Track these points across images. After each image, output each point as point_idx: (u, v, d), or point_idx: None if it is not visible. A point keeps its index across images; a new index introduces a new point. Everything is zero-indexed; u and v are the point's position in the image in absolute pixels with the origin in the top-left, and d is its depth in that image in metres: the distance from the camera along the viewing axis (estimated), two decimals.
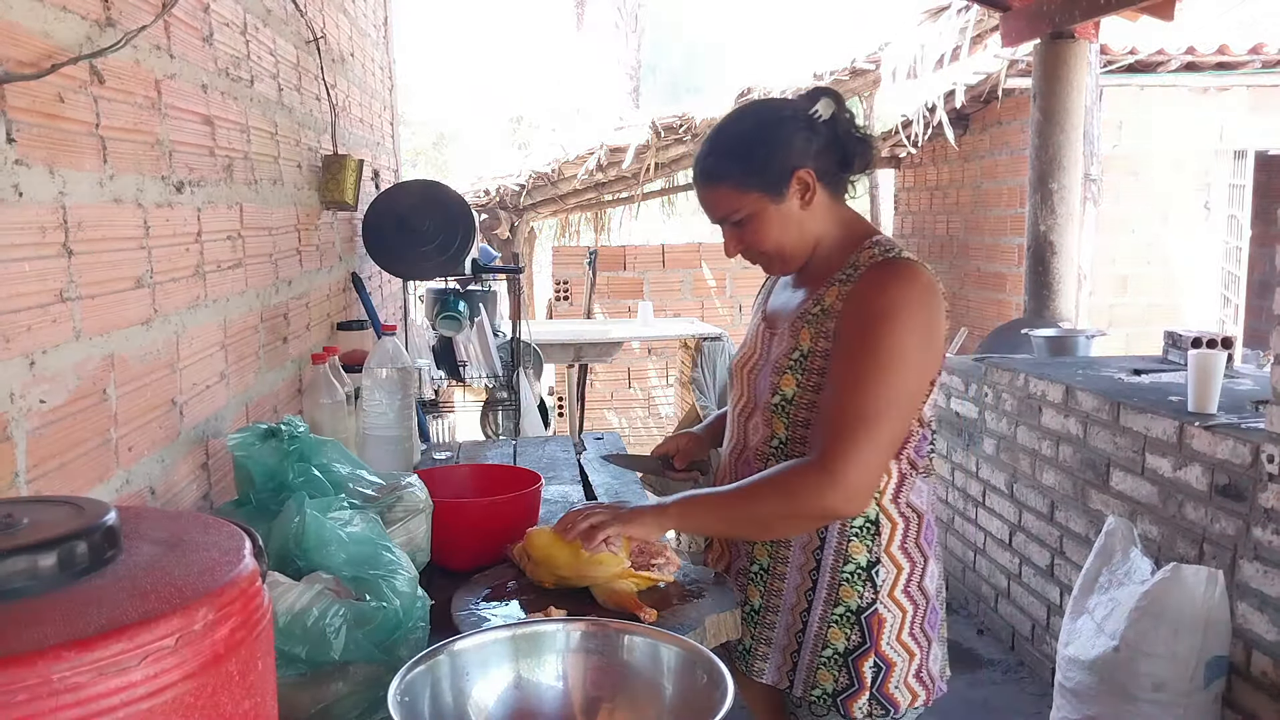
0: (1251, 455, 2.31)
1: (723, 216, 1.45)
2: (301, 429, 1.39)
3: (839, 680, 1.44)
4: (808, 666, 1.46)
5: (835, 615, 1.44)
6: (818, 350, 1.41)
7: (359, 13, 3.27)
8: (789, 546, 1.48)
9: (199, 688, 0.59)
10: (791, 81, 6.31)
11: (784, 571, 1.48)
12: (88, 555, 0.62)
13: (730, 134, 1.44)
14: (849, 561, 1.44)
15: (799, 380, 1.43)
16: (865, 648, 1.44)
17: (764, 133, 1.42)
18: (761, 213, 1.42)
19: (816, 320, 1.43)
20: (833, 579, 1.44)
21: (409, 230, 2.62)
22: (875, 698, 1.44)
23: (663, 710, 1.03)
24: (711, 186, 1.45)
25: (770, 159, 1.40)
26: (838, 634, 1.44)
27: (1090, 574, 2.72)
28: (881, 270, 1.40)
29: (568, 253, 7.20)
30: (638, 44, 19.41)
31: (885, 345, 1.34)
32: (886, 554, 1.45)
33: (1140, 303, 5.60)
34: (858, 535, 1.44)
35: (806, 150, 1.41)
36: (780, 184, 1.41)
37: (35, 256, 1.05)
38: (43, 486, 1.04)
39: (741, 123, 1.45)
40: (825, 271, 1.46)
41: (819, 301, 1.44)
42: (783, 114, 1.44)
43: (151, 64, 1.37)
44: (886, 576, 1.44)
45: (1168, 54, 5.23)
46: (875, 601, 1.44)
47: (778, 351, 1.48)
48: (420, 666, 0.98)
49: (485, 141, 20.54)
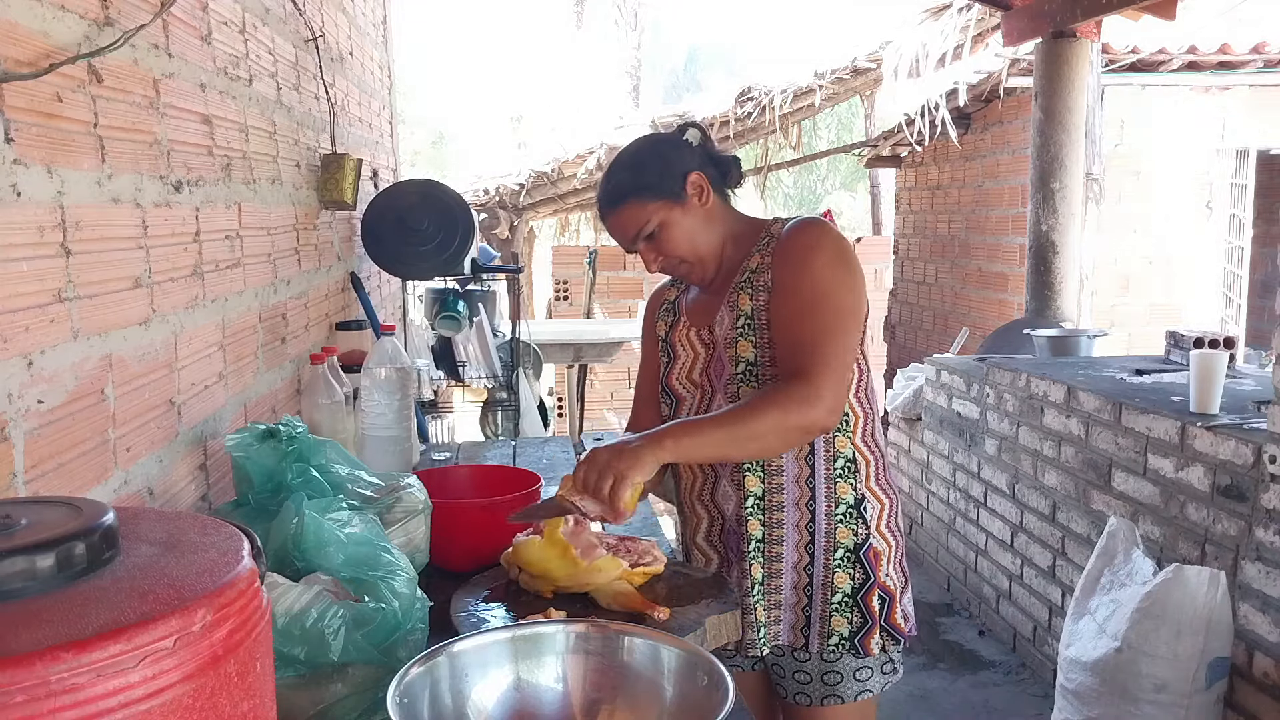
0: (1254, 456, 2.30)
1: (635, 233, 1.55)
2: (300, 429, 1.39)
3: (853, 621, 1.55)
4: (821, 616, 1.55)
5: (837, 559, 1.55)
6: (760, 305, 1.52)
7: (358, 11, 3.26)
8: (781, 510, 1.56)
9: (197, 689, 0.59)
10: (791, 81, 6.31)
11: (780, 535, 1.56)
12: (86, 556, 0.62)
13: (621, 163, 1.59)
14: (839, 503, 1.55)
15: (753, 342, 1.53)
16: (870, 583, 1.55)
17: (651, 151, 1.58)
18: (668, 220, 1.53)
19: (749, 282, 1.54)
20: (828, 524, 1.54)
21: (408, 230, 2.61)
22: (885, 629, 1.56)
23: (663, 712, 1.03)
24: (617, 208, 1.55)
25: (664, 169, 1.54)
26: (843, 576, 1.55)
27: (1092, 575, 2.72)
28: (796, 226, 1.55)
29: (567, 252, 7.20)
30: (638, 43, 19.42)
31: (818, 279, 1.48)
32: (868, 489, 1.57)
33: (1142, 302, 5.59)
34: (842, 475, 1.55)
35: (690, 159, 1.56)
36: (677, 188, 1.54)
37: (33, 256, 1.04)
38: (41, 487, 1.04)
39: (627, 154, 1.60)
40: (739, 254, 1.58)
41: (745, 270, 1.55)
42: (661, 139, 1.62)
43: (150, 63, 1.37)
44: (873, 511, 1.57)
45: (1169, 53, 5.23)
46: (869, 536, 1.55)
47: (722, 330, 1.56)
48: (419, 668, 0.97)
49: (485, 141, 20.54)
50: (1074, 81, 4.36)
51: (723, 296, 1.58)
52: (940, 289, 7.24)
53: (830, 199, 17.92)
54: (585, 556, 1.35)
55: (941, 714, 3.18)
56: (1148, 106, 5.44)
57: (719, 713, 0.90)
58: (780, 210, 17.61)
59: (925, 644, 3.69)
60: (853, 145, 8.29)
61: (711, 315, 1.60)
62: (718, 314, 1.58)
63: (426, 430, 2.64)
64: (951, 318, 6.98)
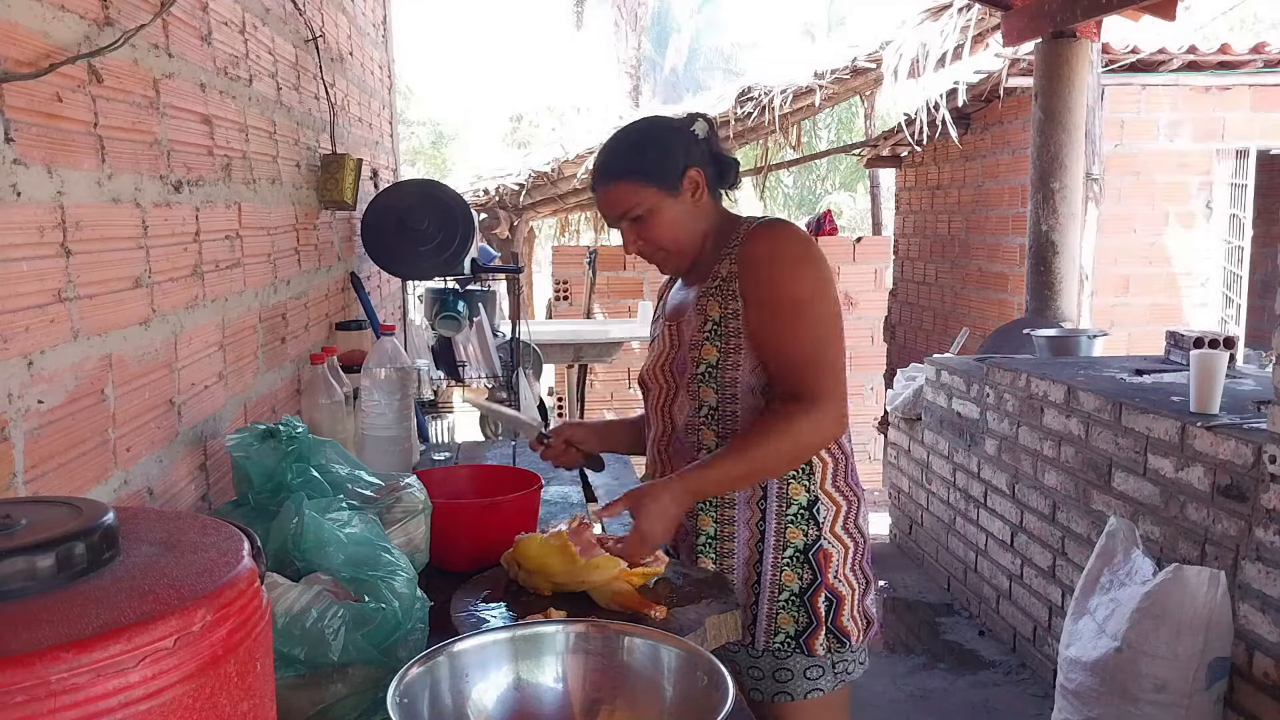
0: (1254, 456, 2.30)
1: (622, 213, 1.56)
2: (300, 429, 1.39)
3: (798, 620, 1.55)
4: (767, 614, 1.56)
5: (786, 558, 1.56)
6: (729, 313, 1.53)
7: (358, 11, 3.26)
8: (733, 506, 1.58)
9: (197, 689, 0.59)
10: (791, 81, 6.31)
11: (732, 532, 1.58)
12: (86, 556, 0.62)
13: (625, 139, 1.59)
14: (791, 504, 1.56)
15: (718, 346, 1.55)
16: (817, 584, 1.56)
17: (657, 136, 1.58)
18: (658, 208, 1.54)
19: (719, 290, 1.55)
20: (779, 524, 1.56)
21: (408, 230, 2.61)
22: (831, 631, 1.56)
23: (663, 712, 1.03)
24: (611, 184, 1.56)
25: (665, 157, 1.54)
26: (790, 575, 1.56)
27: (1091, 575, 2.72)
28: (759, 229, 1.56)
29: (568, 253, 7.20)
30: (638, 43, 19.43)
31: (796, 284, 1.50)
32: (823, 491, 1.57)
33: (1142, 303, 5.60)
34: (795, 477, 1.55)
35: (693, 154, 1.56)
36: (675, 180, 1.54)
37: (33, 256, 1.04)
38: (41, 487, 1.04)
39: (633, 131, 1.60)
40: (712, 259, 1.59)
41: (715, 275, 1.57)
42: (670, 124, 1.60)
43: (150, 63, 1.37)
44: (826, 514, 1.57)
45: (1169, 53, 5.23)
46: (820, 538, 1.56)
47: (689, 331, 1.59)
48: (419, 668, 0.97)
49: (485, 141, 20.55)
50: (1074, 81, 4.36)
51: (693, 294, 1.60)
52: (940, 289, 7.24)
53: (830, 199, 17.92)
54: (584, 554, 1.35)
55: (941, 714, 3.18)
56: (1148, 107, 5.44)
57: (719, 712, 0.90)
58: (780, 210, 17.61)
59: (925, 644, 3.69)
60: (852, 145, 8.29)
61: (681, 313, 1.62)
62: (686, 314, 1.60)
63: (426, 430, 2.64)
64: (951, 318, 6.98)
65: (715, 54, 22.71)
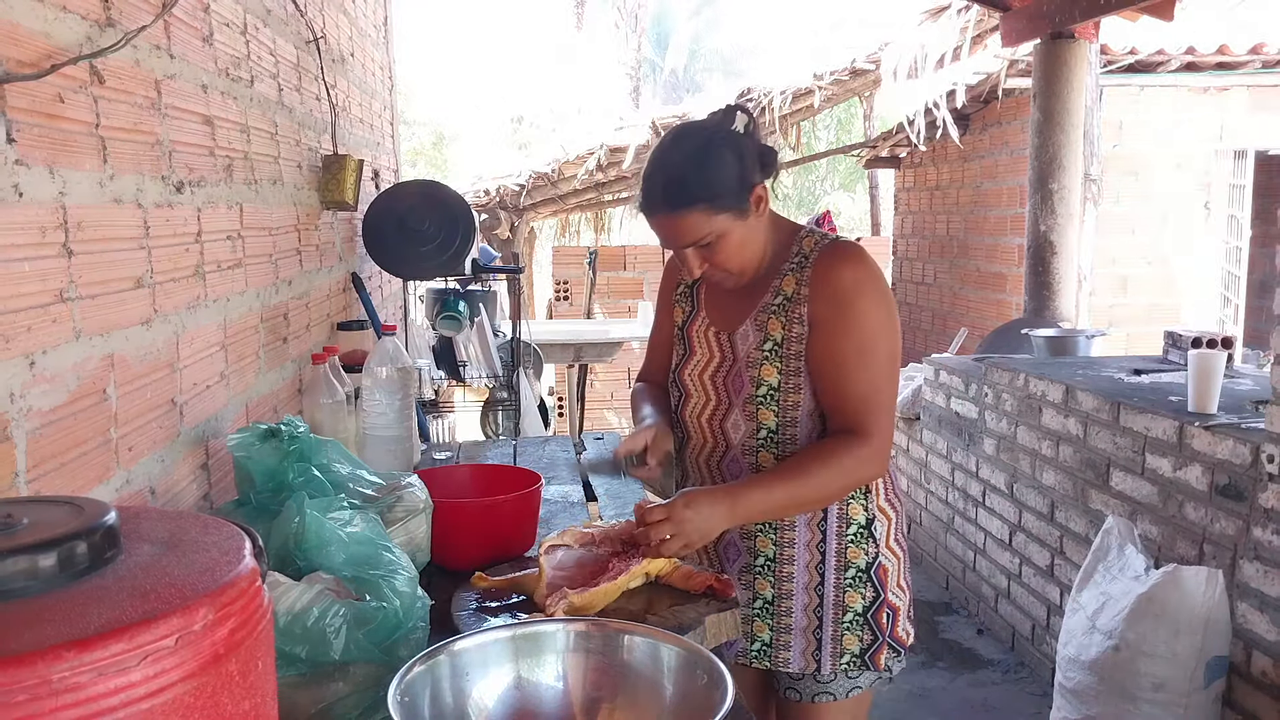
0: (1251, 455, 2.30)
1: (693, 242, 1.46)
2: (301, 429, 1.39)
3: (863, 639, 1.55)
4: (833, 638, 1.54)
5: (848, 579, 1.54)
6: (792, 336, 1.50)
7: (359, 13, 3.27)
8: (793, 529, 1.55)
9: (199, 688, 0.59)
10: (791, 81, 6.31)
11: (792, 555, 1.55)
12: (88, 555, 0.62)
13: (689, 160, 1.44)
14: (851, 523, 1.54)
15: (779, 368, 1.51)
16: (879, 600, 1.56)
17: (719, 157, 1.44)
18: (730, 232, 1.46)
19: (783, 309, 1.51)
20: (839, 544, 1.54)
21: (409, 230, 2.61)
22: (890, 644, 1.57)
23: (663, 710, 1.03)
24: (680, 214, 1.44)
25: (733, 178, 1.44)
26: (854, 596, 1.54)
27: (1086, 571, 2.72)
28: (834, 255, 1.51)
29: (568, 253, 7.20)
30: (638, 44, 19.43)
31: (867, 323, 1.47)
32: (878, 508, 1.56)
33: (1140, 303, 5.60)
34: (854, 497, 1.54)
35: (753, 166, 1.47)
36: (745, 201, 1.46)
37: (35, 257, 1.05)
38: (43, 486, 1.04)
39: (689, 151, 1.45)
40: (770, 266, 1.55)
41: (779, 292, 1.52)
42: (718, 137, 1.46)
43: (151, 64, 1.37)
44: (881, 529, 1.56)
45: (1168, 54, 5.23)
46: (878, 554, 1.55)
47: (746, 347, 1.54)
48: (420, 666, 0.98)
49: (485, 141, 20.54)
50: (1072, 82, 4.37)
51: (747, 305, 1.54)
52: (939, 289, 7.24)
53: (829, 200, 17.92)
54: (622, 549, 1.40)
55: (940, 713, 3.18)
56: (1146, 107, 5.44)
57: (719, 711, 0.90)
58: (780, 210, 17.55)
59: (924, 643, 3.69)
60: (852, 146, 8.29)
61: (734, 323, 1.56)
62: (741, 327, 1.55)
63: (427, 430, 2.64)
64: (950, 318, 6.98)
65: (715, 55, 22.71)
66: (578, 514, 1.98)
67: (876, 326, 1.47)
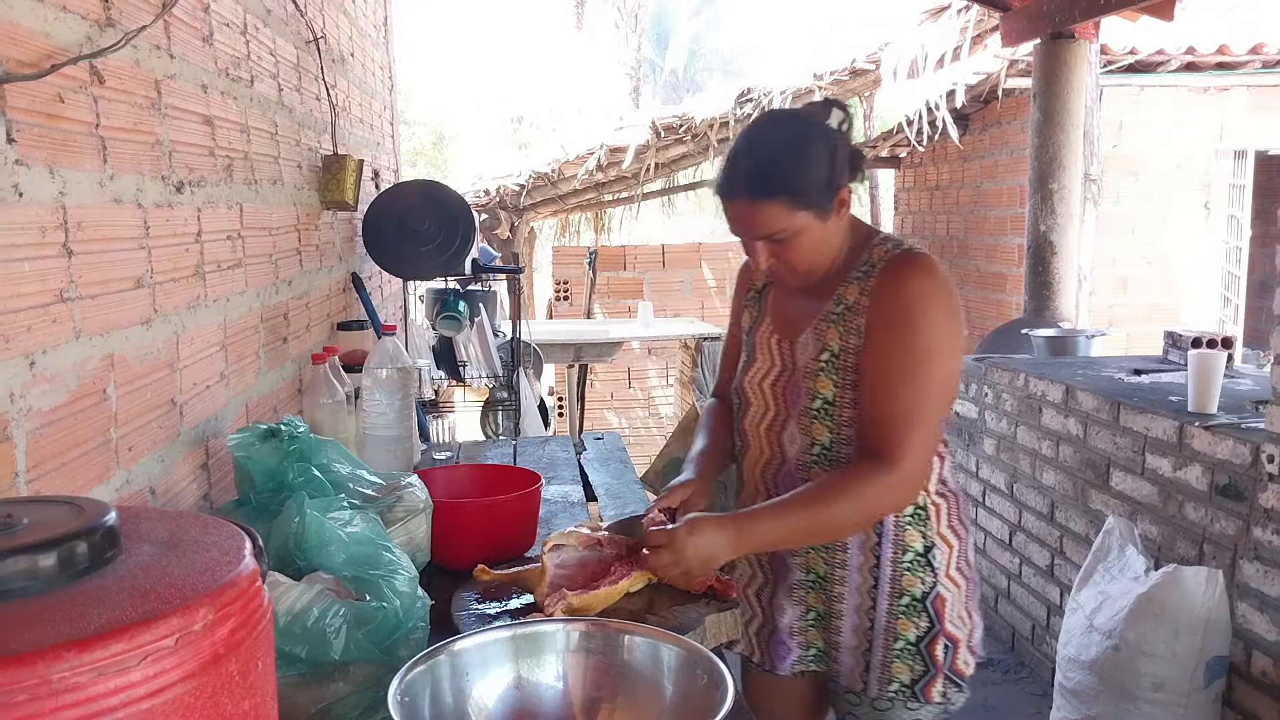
0: (1251, 455, 2.30)
1: (766, 234, 1.39)
2: (301, 429, 1.39)
3: (914, 669, 1.47)
4: (881, 663, 1.48)
5: (901, 606, 1.46)
6: (849, 348, 1.42)
7: (359, 13, 3.27)
8: (845, 550, 1.48)
9: (199, 688, 0.59)
10: (791, 81, 6.31)
11: (843, 575, 1.49)
12: (88, 555, 0.62)
13: (776, 152, 1.37)
14: (907, 550, 1.46)
15: (835, 381, 1.43)
16: (934, 631, 1.47)
17: (812, 151, 1.37)
18: (806, 230, 1.38)
19: (841, 319, 1.44)
20: (894, 571, 1.46)
21: (409, 230, 2.61)
22: (948, 677, 1.48)
23: (663, 710, 1.03)
24: (760, 204, 1.37)
25: (822, 175, 1.37)
26: (906, 624, 1.47)
27: (1086, 571, 2.72)
28: (902, 264, 1.42)
29: (568, 253, 7.20)
30: (638, 44, 19.44)
31: (923, 339, 1.37)
32: (938, 535, 1.48)
33: (1140, 303, 5.60)
34: (911, 523, 1.46)
35: (843, 167, 1.39)
36: (829, 201, 1.39)
37: (35, 256, 1.05)
38: (43, 486, 1.04)
39: (781, 140, 1.38)
40: (837, 272, 1.47)
41: (840, 300, 1.44)
42: (815, 130, 1.39)
43: (151, 64, 1.37)
44: (942, 557, 1.48)
45: (1168, 54, 5.23)
46: (936, 584, 1.47)
47: (805, 357, 1.47)
48: (420, 666, 0.98)
49: (485, 141, 20.55)
50: (1072, 82, 4.37)
51: (810, 312, 1.48)
52: None
53: None
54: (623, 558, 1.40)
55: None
56: (1146, 107, 5.44)
57: (719, 711, 0.90)
58: None
59: None
60: None
61: (796, 330, 1.50)
62: (802, 335, 1.48)
63: (427, 430, 2.64)
64: None
65: (715, 55, 22.72)
66: (578, 514, 1.98)
67: (933, 345, 1.37)
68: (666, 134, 6.57)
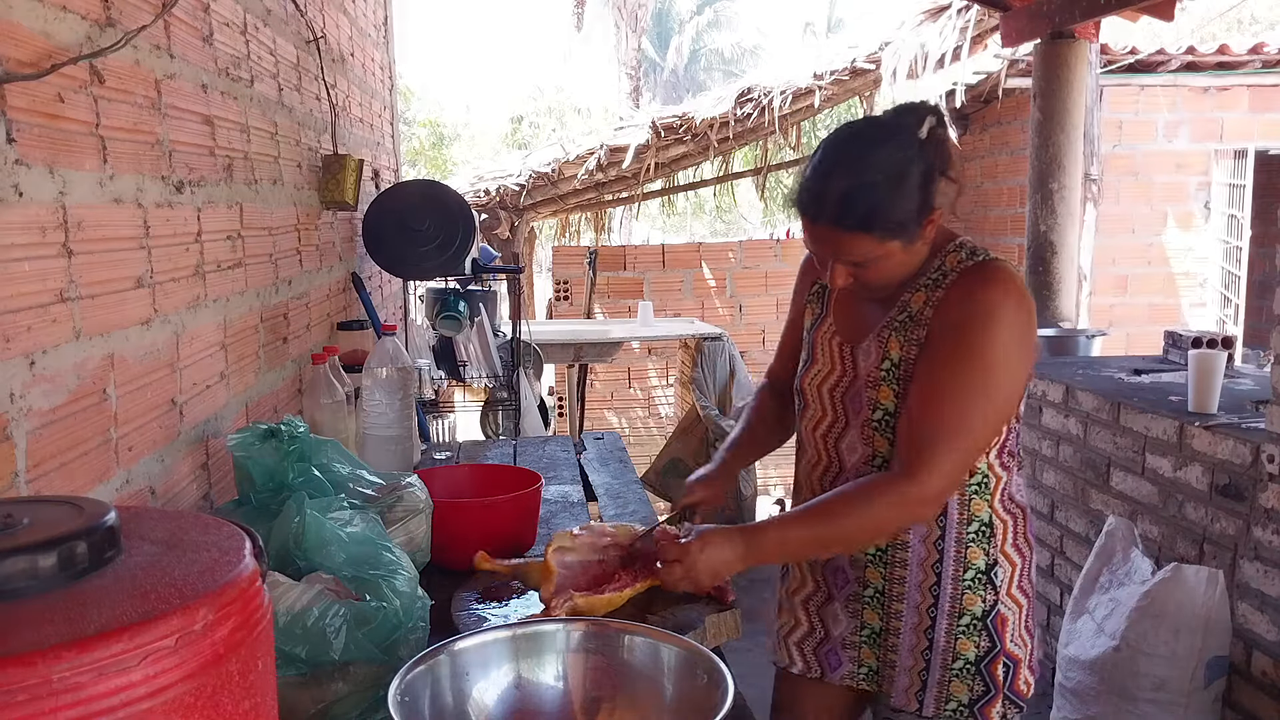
0: (1252, 455, 2.30)
1: (849, 261, 1.34)
2: (301, 429, 1.39)
3: (974, 689, 1.42)
4: (939, 682, 1.43)
5: (962, 625, 1.41)
6: (910, 358, 1.37)
7: (359, 13, 3.27)
8: (905, 566, 1.43)
9: (199, 688, 0.59)
10: (791, 82, 6.30)
11: (901, 592, 1.44)
12: (88, 555, 0.62)
13: (870, 178, 1.28)
14: (969, 568, 1.41)
15: (895, 391, 1.38)
16: (995, 651, 1.42)
17: (908, 180, 1.29)
18: (888, 254, 1.33)
19: (904, 328, 1.38)
20: (955, 589, 1.41)
21: (409, 230, 2.62)
22: (1008, 698, 1.43)
23: (663, 710, 1.03)
24: (846, 231, 1.30)
25: (915, 209, 1.30)
26: (966, 644, 1.42)
27: (1090, 574, 2.72)
28: (973, 276, 1.35)
29: (568, 253, 7.20)
30: (638, 44, 19.45)
31: (982, 357, 1.30)
32: (1002, 553, 1.42)
33: (1140, 303, 5.60)
34: (974, 540, 1.41)
35: (933, 189, 1.31)
36: (917, 230, 1.32)
37: (35, 256, 1.05)
38: (43, 486, 1.04)
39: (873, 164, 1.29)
40: (906, 278, 1.41)
41: (905, 308, 1.39)
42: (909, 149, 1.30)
43: (151, 64, 1.37)
44: (1004, 576, 1.42)
45: (1168, 54, 5.24)
46: (997, 603, 1.42)
47: (867, 365, 1.42)
48: (420, 666, 0.98)
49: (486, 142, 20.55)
50: (1072, 82, 4.36)
51: (875, 318, 1.43)
52: None
53: None
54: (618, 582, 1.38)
55: None
56: (1146, 107, 5.45)
57: (719, 711, 0.90)
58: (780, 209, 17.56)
59: None
60: None
61: (859, 335, 1.44)
62: (865, 340, 1.42)
63: (427, 430, 2.64)
64: None
65: (715, 55, 22.72)
66: (578, 514, 1.98)
67: (992, 362, 1.29)
68: (666, 134, 6.56)
